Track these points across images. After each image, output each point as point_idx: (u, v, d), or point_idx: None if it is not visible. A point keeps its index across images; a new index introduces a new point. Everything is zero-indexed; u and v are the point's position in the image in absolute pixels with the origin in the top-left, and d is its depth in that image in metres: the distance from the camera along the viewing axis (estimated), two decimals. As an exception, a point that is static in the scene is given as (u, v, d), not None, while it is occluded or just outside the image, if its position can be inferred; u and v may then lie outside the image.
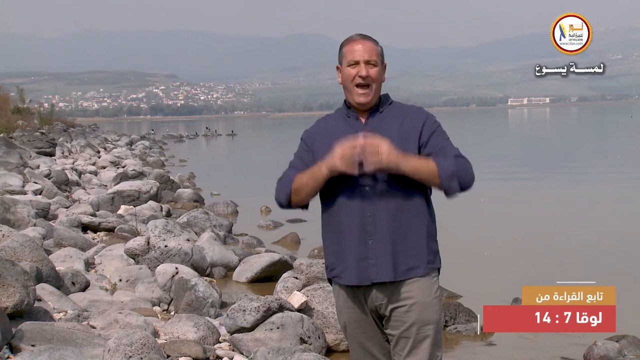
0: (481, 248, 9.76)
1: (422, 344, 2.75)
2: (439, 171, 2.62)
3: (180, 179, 18.74)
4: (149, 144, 41.33)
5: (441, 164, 2.63)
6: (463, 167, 2.67)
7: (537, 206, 14.29)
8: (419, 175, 2.64)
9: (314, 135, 2.87)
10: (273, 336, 4.90)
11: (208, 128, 70.63)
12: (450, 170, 2.63)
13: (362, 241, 2.72)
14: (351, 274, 2.76)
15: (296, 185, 2.73)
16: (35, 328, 4.33)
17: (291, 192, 2.75)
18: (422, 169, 2.63)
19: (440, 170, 2.62)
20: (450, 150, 2.71)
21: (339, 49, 2.84)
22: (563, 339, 5.98)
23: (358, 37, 2.81)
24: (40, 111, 51.76)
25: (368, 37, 2.82)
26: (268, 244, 10.33)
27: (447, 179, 2.63)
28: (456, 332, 6.14)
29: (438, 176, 2.63)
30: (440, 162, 2.64)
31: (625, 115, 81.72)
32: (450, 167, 2.63)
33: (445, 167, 2.63)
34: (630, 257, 9.17)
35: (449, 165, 2.63)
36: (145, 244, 7.82)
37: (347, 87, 2.80)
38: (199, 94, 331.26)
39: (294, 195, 2.75)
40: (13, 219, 8.75)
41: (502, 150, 33.64)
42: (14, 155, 18.41)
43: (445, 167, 2.63)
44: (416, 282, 2.75)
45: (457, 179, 2.64)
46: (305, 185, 2.71)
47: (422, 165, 2.63)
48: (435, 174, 2.63)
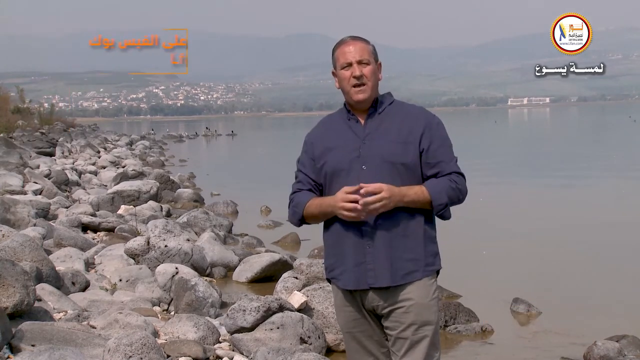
0: (481, 248, 9.76)
1: (420, 345, 2.76)
2: (432, 203, 2.73)
3: (180, 179, 18.74)
4: (149, 144, 41.32)
5: (435, 194, 2.73)
6: (455, 192, 2.77)
7: (536, 205, 14.30)
8: (415, 205, 2.73)
9: (315, 139, 2.89)
10: (273, 336, 4.90)
11: (208, 128, 70.61)
12: (444, 201, 2.74)
13: (360, 246, 2.74)
14: (349, 278, 2.79)
15: (307, 213, 2.83)
16: (35, 328, 4.33)
17: (303, 217, 2.85)
18: (418, 202, 2.73)
19: (434, 202, 2.73)
20: (447, 167, 2.77)
21: (332, 54, 2.86)
22: (563, 339, 5.99)
23: (348, 39, 2.84)
24: (40, 111, 51.74)
25: (358, 38, 2.84)
26: (268, 244, 10.33)
27: (440, 210, 2.76)
28: (456, 332, 6.13)
29: (432, 206, 2.74)
30: (434, 192, 2.73)
31: (624, 115, 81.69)
32: (443, 199, 2.73)
33: (438, 199, 2.73)
34: (630, 256, 9.17)
35: (442, 197, 2.73)
36: (145, 244, 7.82)
37: (344, 90, 2.83)
38: (199, 94, 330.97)
39: (307, 219, 2.86)
40: (13, 219, 8.75)
41: (502, 150, 33.64)
42: (14, 155, 18.42)
43: (438, 199, 2.73)
44: (414, 284, 2.76)
45: (449, 206, 2.77)
46: (316, 217, 2.82)
47: (419, 198, 2.72)
48: (429, 204, 2.74)
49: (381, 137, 2.74)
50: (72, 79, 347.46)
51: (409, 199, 2.69)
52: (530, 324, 6.55)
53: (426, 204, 2.72)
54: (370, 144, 2.76)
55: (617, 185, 17.36)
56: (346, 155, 2.77)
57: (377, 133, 2.77)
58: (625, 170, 20.99)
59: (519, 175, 20.80)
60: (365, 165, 2.74)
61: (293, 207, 2.87)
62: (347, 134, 2.81)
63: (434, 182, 2.74)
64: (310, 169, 2.86)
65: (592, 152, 29.97)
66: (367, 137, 2.78)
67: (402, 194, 2.67)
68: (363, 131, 2.79)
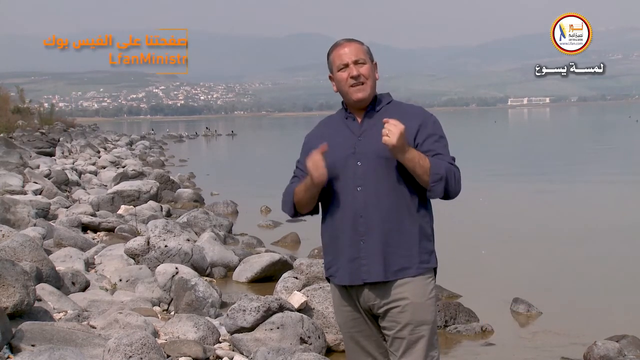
0: (480, 248, 9.76)
1: (417, 345, 2.76)
2: (430, 169, 2.65)
3: (180, 179, 18.74)
4: (149, 144, 41.33)
5: (434, 164, 2.67)
6: (454, 175, 2.71)
7: (536, 205, 14.29)
8: (412, 167, 2.66)
9: (313, 139, 2.90)
10: (273, 336, 4.90)
11: (208, 128, 70.62)
12: (441, 173, 2.67)
13: (354, 242, 2.75)
14: (344, 274, 2.80)
15: (296, 197, 2.83)
16: (35, 328, 4.33)
17: (294, 205, 2.85)
18: (417, 162, 2.65)
19: (432, 169, 2.65)
20: (445, 158, 2.74)
21: (327, 58, 2.87)
22: (563, 339, 5.98)
23: (342, 42, 2.85)
24: (40, 111, 51.74)
25: (352, 40, 2.85)
26: (268, 244, 10.33)
27: (435, 180, 2.67)
28: (456, 332, 6.13)
29: (428, 174, 2.66)
30: (434, 163, 2.67)
31: (625, 115, 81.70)
32: (441, 170, 2.67)
33: (437, 168, 2.66)
34: (630, 256, 9.17)
35: (440, 168, 2.67)
36: (145, 244, 7.82)
37: (342, 92, 2.83)
38: (199, 94, 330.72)
39: (297, 207, 2.86)
40: (13, 219, 8.75)
41: (501, 150, 33.64)
42: (14, 155, 18.42)
43: (437, 168, 2.66)
44: (409, 282, 2.76)
45: (445, 183, 2.68)
46: (303, 197, 2.80)
47: (420, 159, 2.65)
48: (426, 171, 2.66)
49: (377, 134, 2.74)
50: (72, 79, 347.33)
51: (411, 154, 2.63)
52: (530, 324, 6.55)
53: (423, 172, 2.65)
54: (365, 141, 2.77)
55: (617, 185, 17.35)
56: (342, 152, 2.77)
57: (373, 130, 2.77)
58: (626, 170, 20.98)
59: (519, 175, 20.79)
60: (360, 161, 2.75)
61: (283, 196, 2.90)
62: (344, 131, 2.83)
63: (434, 158, 2.71)
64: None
65: (593, 152, 29.97)
66: (363, 134, 2.79)
67: (408, 146, 2.63)
68: (359, 128, 2.81)
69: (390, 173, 2.72)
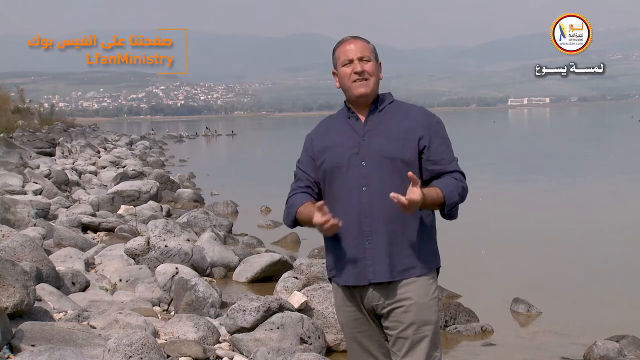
0: (480, 248, 9.76)
1: (420, 345, 2.75)
2: (445, 201, 2.70)
3: (180, 179, 18.74)
4: (149, 144, 41.34)
5: (448, 195, 2.69)
6: (463, 193, 2.76)
7: (536, 205, 14.29)
8: (432, 206, 2.73)
9: (315, 139, 2.90)
10: (273, 336, 4.90)
11: (208, 128, 70.64)
12: (455, 201, 2.72)
13: (360, 242, 2.74)
14: (348, 275, 2.79)
15: (299, 217, 2.83)
16: (35, 328, 4.33)
17: (296, 220, 2.86)
18: (431, 203, 2.68)
19: (447, 200, 2.69)
20: (449, 165, 2.77)
21: (332, 54, 2.87)
22: (563, 339, 5.98)
23: (349, 38, 2.86)
24: (40, 111, 51.77)
25: (358, 37, 2.86)
26: (268, 244, 10.33)
27: (450, 208, 2.72)
28: (456, 332, 6.13)
29: (444, 206, 2.71)
30: (447, 194, 2.69)
31: (625, 115, 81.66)
32: (454, 198, 2.71)
33: (450, 198, 2.70)
34: (631, 256, 9.17)
35: (454, 197, 2.71)
36: (145, 244, 7.82)
37: (345, 86, 2.82)
38: (199, 94, 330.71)
39: (299, 222, 2.86)
40: (13, 219, 8.75)
41: (501, 150, 33.64)
42: (14, 155, 18.44)
43: (450, 198, 2.70)
44: (413, 282, 2.76)
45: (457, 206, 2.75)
46: (304, 221, 2.81)
47: (434, 198, 2.68)
48: (441, 203, 2.70)
49: (381, 134, 2.74)
50: (72, 79, 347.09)
51: (427, 201, 2.63)
52: (530, 324, 6.55)
53: (438, 204, 2.70)
54: (369, 141, 2.76)
55: (618, 185, 17.35)
56: (345, 152, 2.77)
57: (377, 130, 2.77)
58: (627, 170, 20.97)
59: (519, 175, 20.78)
60: (364, 162, 2.74)
61: (287, 208, 2.89)
62: (347, 131, 2.82)
63: (444, 182, 2.72)
64: (310, 167, 2.86)
65: (594, 152, 29.96)
66: (367, 134, 2.78)
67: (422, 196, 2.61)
68: (363, 128, 2.80)
69: (394, 173, 2.72)
